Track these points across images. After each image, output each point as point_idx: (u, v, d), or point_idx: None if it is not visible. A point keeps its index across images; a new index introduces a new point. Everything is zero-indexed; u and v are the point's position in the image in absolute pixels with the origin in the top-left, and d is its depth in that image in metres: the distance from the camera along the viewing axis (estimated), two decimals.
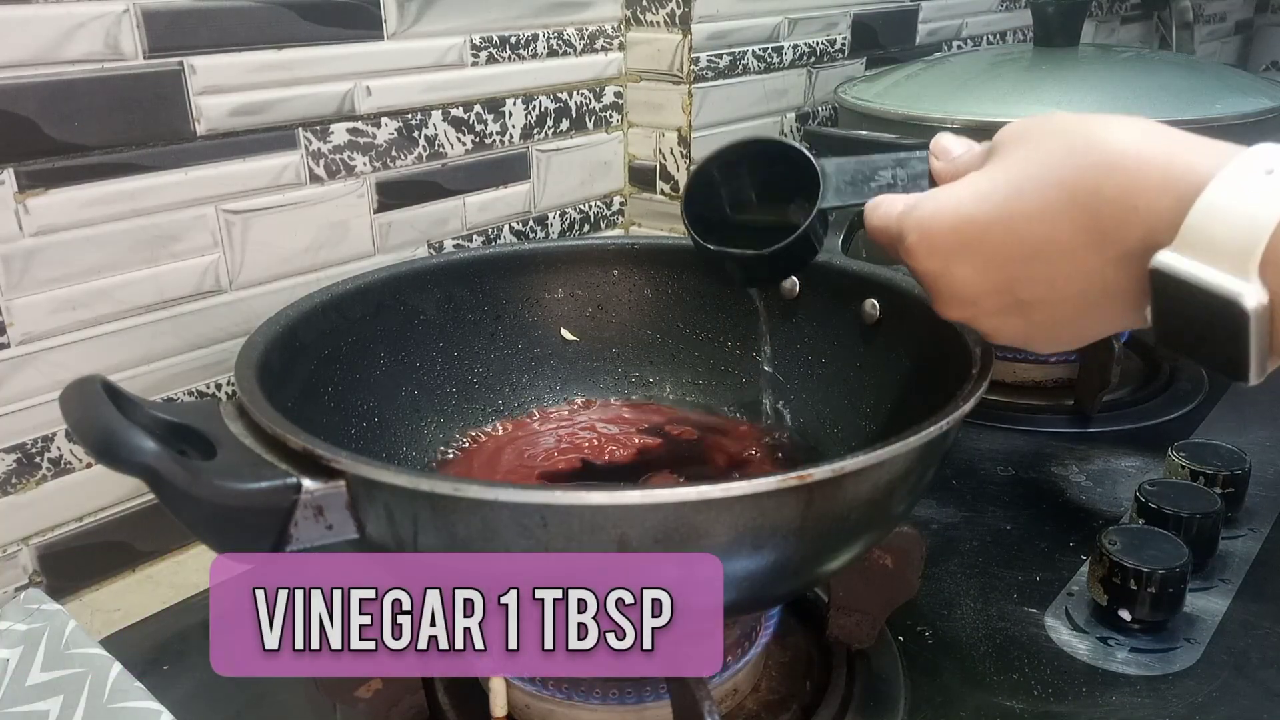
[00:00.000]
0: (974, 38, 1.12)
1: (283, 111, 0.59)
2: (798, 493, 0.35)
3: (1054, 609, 0.53)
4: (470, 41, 0.68)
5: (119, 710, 0.43)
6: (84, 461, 0.55)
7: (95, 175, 0.52)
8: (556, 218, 0.78)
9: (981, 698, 0.47)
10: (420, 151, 0.67)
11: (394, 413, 0.55)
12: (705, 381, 0.62)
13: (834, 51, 0.93)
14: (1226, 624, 0.52)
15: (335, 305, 0.52)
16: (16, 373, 0.52)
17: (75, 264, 0.52)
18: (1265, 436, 0.71)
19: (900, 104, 0.76)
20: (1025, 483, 0.66)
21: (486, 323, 0.60)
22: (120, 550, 0.58)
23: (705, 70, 0.79)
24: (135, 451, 0.31)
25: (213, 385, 0.60)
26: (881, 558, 0.47)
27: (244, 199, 0.58)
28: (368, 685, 0.42)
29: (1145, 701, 0.47)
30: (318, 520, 0.35)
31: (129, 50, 0.52)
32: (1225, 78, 0.80)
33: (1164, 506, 0.55)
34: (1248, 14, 1.72)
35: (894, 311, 0.53)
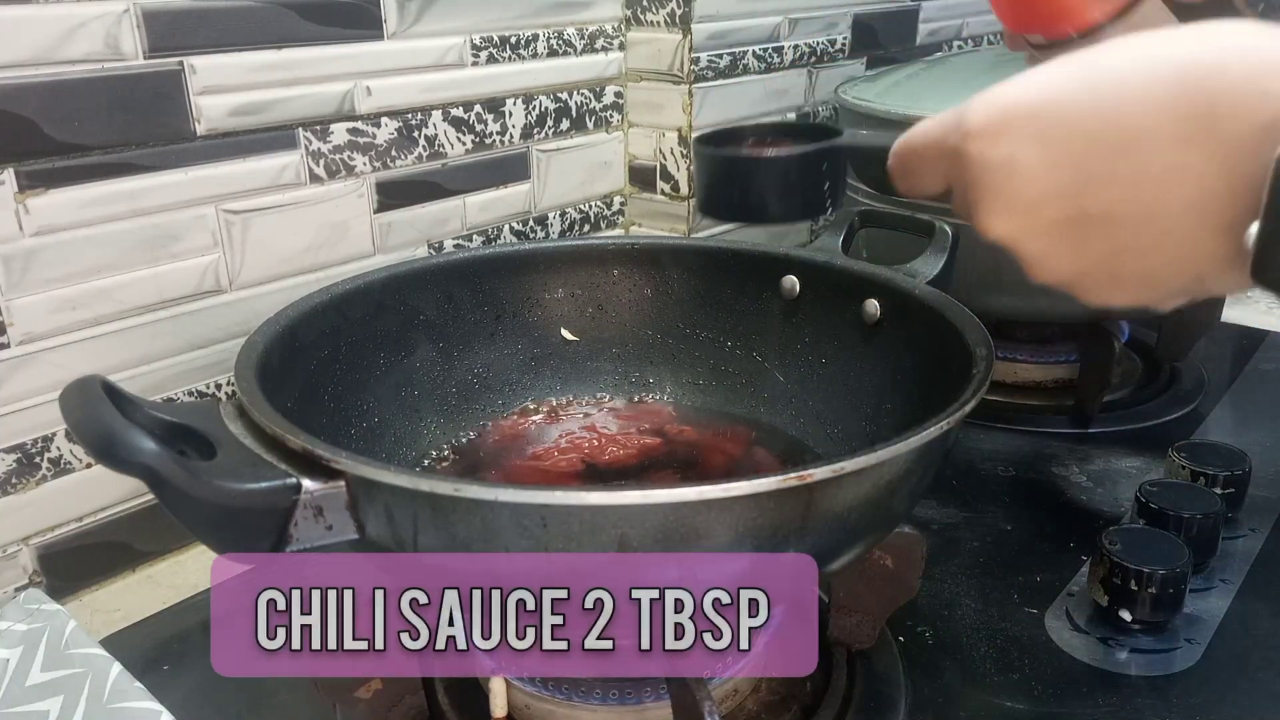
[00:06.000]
0: (974, 38, 1.12)
1: (283, 111, 0.59)
2: (798, 493, 0.35)
3: (1054, 609, 0.53)
4: (470, 41, 0.68)
5: (119, 710, 0.43)
6: (84, 461, 0.55)
7: (95, 175, 0.52)
8: (556, 218, 0.78)
9: (982, 698, 0.47)
10: (420, 151, 0.67)
11: (394, 413, 0.55)
12: (705, 381, 0.62)
13: (834, 51, 0.93)
14: (1227, 624, 0.52)
15: (335, 305, 0.52)
16: (16, 373, 0.51)
17: (75, 264, 0.52)
18: (1265, 436, 0.71)
19: (901, 104, 0.76)
20: (1026, 483, 0.66)
21: (486, 323, 0.60)
22: (120, 550, 0.58)
23: (705, 70, 0.79)
24: (135, 451, 0.31)
25: (213, 385, 0.60)
26: (882, 558, 0.47)
27: (244, 199, 0.58)
28: (368, 685, 0.42)
29: (1146, 702, 0.47)
30: (318, 520, 0.35)
31: (129, 50, 0.52)
32: None
33: (1165, 507, 0.55)
34: None
35: (894, 311, 0.53)
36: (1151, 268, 0.31)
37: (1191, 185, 0.29)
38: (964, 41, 1.11)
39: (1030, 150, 0.31)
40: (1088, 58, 0.31)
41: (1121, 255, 0.31)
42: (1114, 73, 0.30)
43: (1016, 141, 0.31)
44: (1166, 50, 0.30)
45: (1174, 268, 0.31)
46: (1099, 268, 0.32)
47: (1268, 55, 0.28)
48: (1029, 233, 0.32)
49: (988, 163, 0.32)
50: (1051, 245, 0.32)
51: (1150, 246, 0.30)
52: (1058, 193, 0.31)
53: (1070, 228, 0.31)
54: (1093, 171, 0.30)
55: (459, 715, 0.46)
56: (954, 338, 0.46)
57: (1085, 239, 0.31)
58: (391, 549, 0.36)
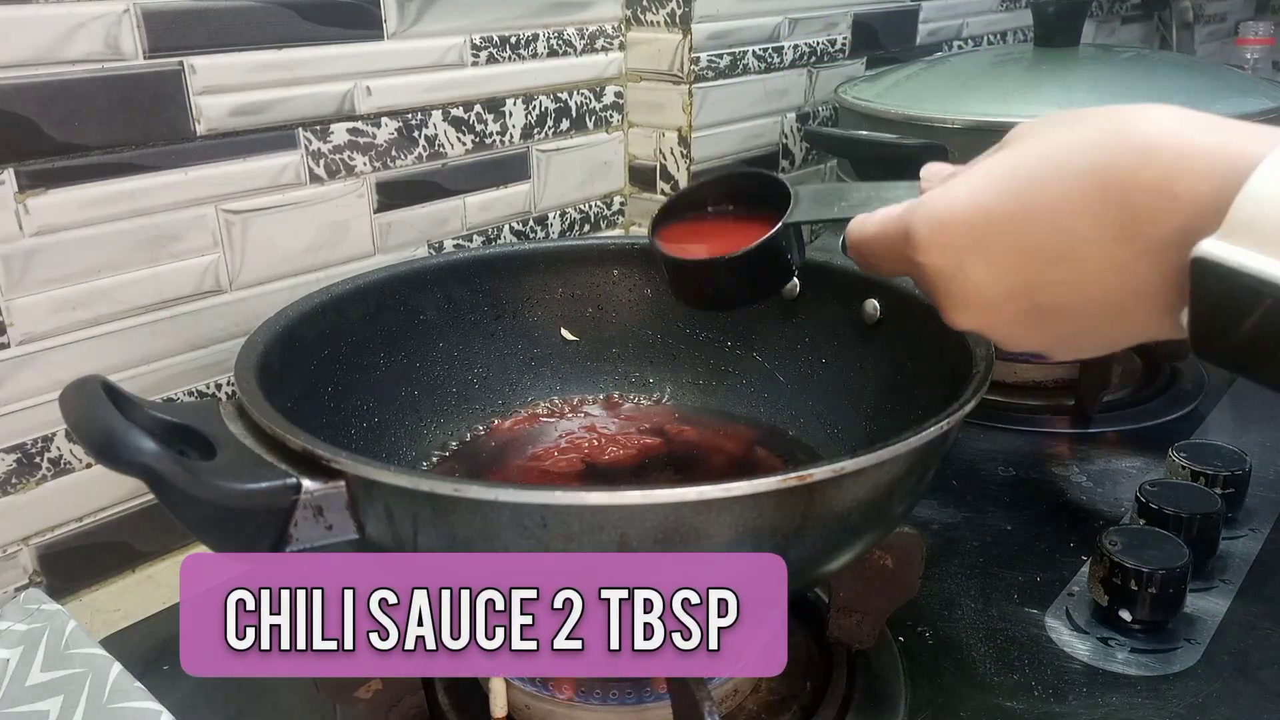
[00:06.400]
0: (974, 38, 1.12)
1: (283, 111, 0.59)
2: (798, 493, 0.35)
3: (1054, 609, 0.53)
4: (470, 41, 0.68)
5: (119, 710, 0.43)
6: (84, 461, 0.55)
7: (95, 175, 0.52)
8: (556, 218, 0.78)
9: (982, 698, 0.47)
10: (420, 151, 0.67)
11: (394, 413, 0.55)
12: (705, 381, 0.62)
13: (834, 51, 0.93)
14: (1227, 624, 0.52)
15: (335, 305, 0.52)
16: (16, 373, 0.51)
17: (75, 264, 0.52)
18: (1265, 436, 0.71)
19: (901, 104, 0.76)
20: (1026, 483, 0.66)
21: (486, 323, 0.60)
22: (120, 550, 0.58)
23: (705, 70, 0.79)
24: (135, 452, 0.31)
25: (213, 385, 0.60)
26: (882, 558, 0.47)
27: (244, 199, 0.58)
28: (368, 685, 0.42)
29: (1146, 702, 0.47)
30: (318, 520, 0.35)
31: (129, 50, 0.52)
32: (1225, 78, 0.80)
33: (1164, 507, 0.55)
34: (1248, 14, 1.72)
35: (894, 311, 0.53)
36: (1112, 339, 0.34)
37: (1129, 277, 0.31)
38: (964, 41, 1.11)
39: (976, 261, 0.34)
40: (1009, 160, 0.33)
41: (1081, 333, 0.34)
42: (1037, 180, 0.32)
43: (962, 253, 0.34)
44: (1083, 152, 0.31)
45: (1133, 336, 0.34)
46: (1064, 344, 0.35)
47: (1177, 155, 0.30)
48: (992, 325, 0.35)
49: (939, 272, 0.35)
50: (1015, 331, 0.35)
51: (1106, 325, 0.33)
52: (1009, 294, 0.34)
53: (1029, 318, 0.34)
54: (1037, 275, 0.33)
55: (459, 715, 0.46)
56: (954, 338, 0.46)
57: (1045, 325, 0.34)
58: (391, 549, 0.36)
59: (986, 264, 0.33)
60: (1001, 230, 0.33)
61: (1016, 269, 0.33)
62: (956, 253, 0.34)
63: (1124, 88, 0.75)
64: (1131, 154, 0.30)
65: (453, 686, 0.47)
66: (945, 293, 0.35)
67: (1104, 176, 0.31)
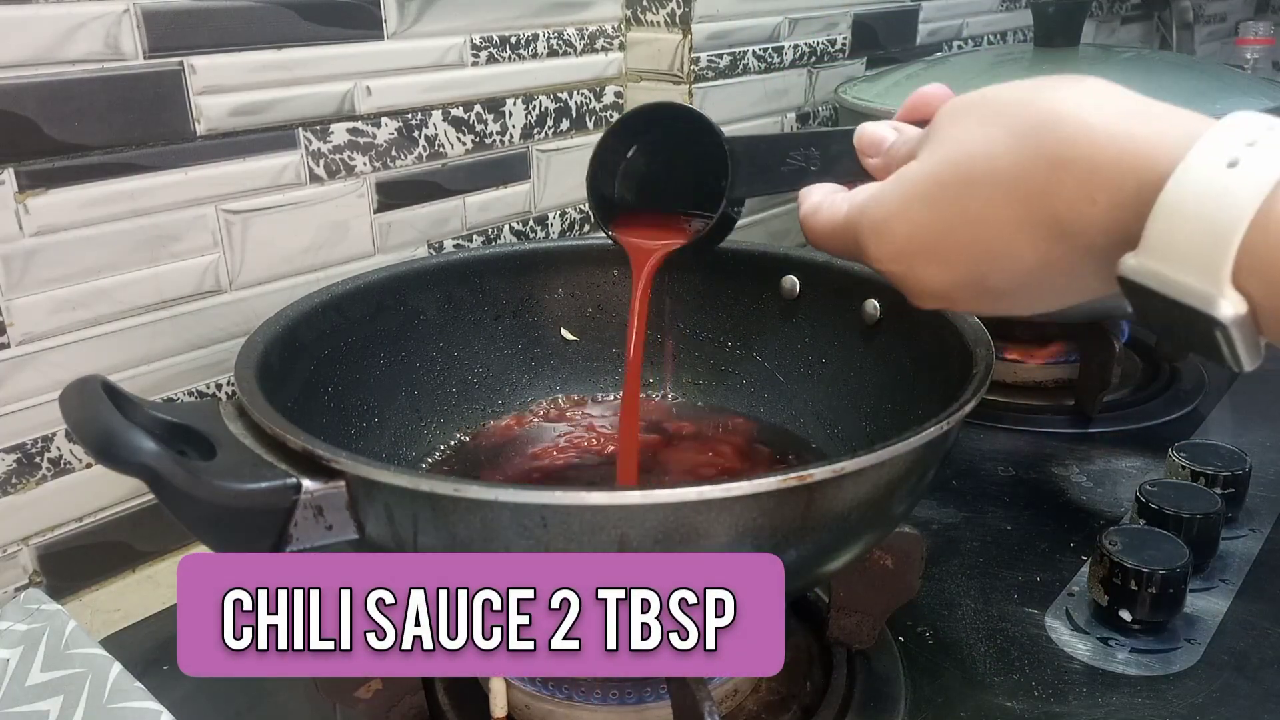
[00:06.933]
0: (974, 38, 1.12)
1: (283, 111, 0.59)
2: (798, 493, 0.35)
3: (1054, 609, 0.53)
4: (470, 41, 0.68)
5: (119, 710, 0.43)
6: (84, 461, 0.55)
7: (95, 175, 0.52)
8: (556, 218, 0.78)
9: (982, 698, 0.47)
10: (420, 151, 0.67)
11: (394, 413, 0.55)
12: (705, 381, 0.62)
13: (834, 51, 0.93)
14: (1227, 624, 0.52)
15: (335, 305, 0.52)
16: (16, 373, 0.51)
17: (75, 264, 0.52)
18: (1265, 436, 0.71)
19: (901, 104, 0.75)
20: (1026, 483, 0.66)
21: (486, 323, 0.60)
22: (120, 550, 0.58)
23: (705, 70, 0.79)
24: (135, 452, 0.31)
25: (213, 385, 0.60)
26: (882, 558, 0.47)
27: (244, 199, 0.58)
28: (367, 685, 0.42)
29: (1145, 702, 0.47)
30: (318, 520, 0.35)
31: (129, 50, 0.52)
32: (1225, 78, 0.80)
33: (1164, 507, 0.55)
34: (1248, 14, 1.72)
35: (894, 311, 0.53)
36: (1074, 298, 0.35)
37: (1066, 270, 0.33)
38: (964, 41, 1.11)
39: (926, 265, 0.36)
40: (932, 170, 0.35)
41: (1038, 303, 0.35)
42: (964, 195, 0.33)
43: (910, 258, 0.36)
44: (1001, 166, 0.32)
45: (1094, 292, 0.34)
46: (1022, 307, 0.36)
47: (1096, 160, 0.30)
48: (953, 304, 0.37)
49: (893, 274, 0.37)
50: (977, 307, 0.38)
51: (1059, 295, 0.35)
52: (962, 284, 0.35)
53: (986, 295, 0.36)
54: (981, 270, 0.34)
55: (459, 715, 0.46)
56: (954, 338, 0.46)
57: (1002, 300, 0.36)
58: (391, 549, 0.36)
59: (935, 267, 0.35)
60: (940, 240, 0.35)
61: (964, 266, 0.35)
62: (905, 258, 0.36)
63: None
64: (1048, 164, 0.31)
65: (453, 686, 0.47)
66: (903, 288, 0.37)
67: (1024, 188, 0.32)
